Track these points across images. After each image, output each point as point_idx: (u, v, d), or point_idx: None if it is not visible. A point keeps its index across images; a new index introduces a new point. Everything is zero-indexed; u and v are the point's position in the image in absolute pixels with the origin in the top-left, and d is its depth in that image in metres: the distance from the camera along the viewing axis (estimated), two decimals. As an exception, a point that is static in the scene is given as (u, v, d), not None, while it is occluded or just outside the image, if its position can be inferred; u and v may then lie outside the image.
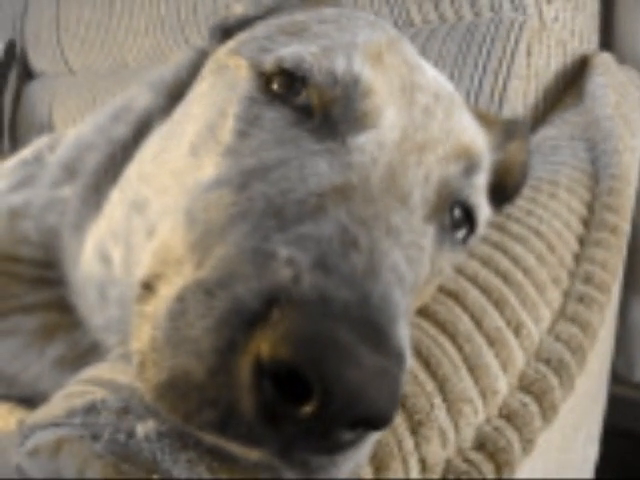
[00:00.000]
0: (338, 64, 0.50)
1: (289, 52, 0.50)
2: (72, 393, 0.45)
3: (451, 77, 1.19)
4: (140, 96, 0.64)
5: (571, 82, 1.20)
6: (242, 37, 0.59)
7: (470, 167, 0.52)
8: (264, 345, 0.31)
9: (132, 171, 0.57)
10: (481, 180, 0.54)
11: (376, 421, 0.33)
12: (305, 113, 0.49)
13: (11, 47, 2.10)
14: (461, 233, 0.54)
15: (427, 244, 0.49)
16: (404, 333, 0.36)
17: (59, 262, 0.63)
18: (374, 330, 0.33)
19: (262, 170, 0.44)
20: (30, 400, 0.63)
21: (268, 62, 0.51)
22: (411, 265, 0.41)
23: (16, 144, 1.93)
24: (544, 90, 1.16)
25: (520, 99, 1.14)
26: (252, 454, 0.34)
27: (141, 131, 0.60)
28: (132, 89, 0.69)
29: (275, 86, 0.50)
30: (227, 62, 0.56)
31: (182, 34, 1.72)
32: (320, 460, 0.33)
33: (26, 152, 0.80)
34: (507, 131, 0.66)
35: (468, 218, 0.54)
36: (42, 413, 0.44)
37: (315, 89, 0.49)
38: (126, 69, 1.87)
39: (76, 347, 0.63)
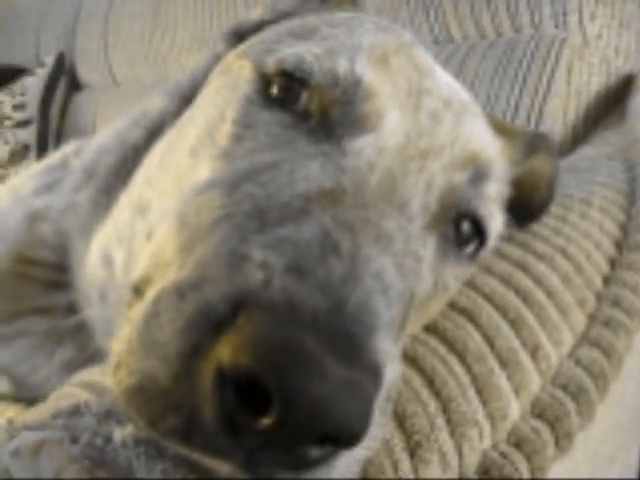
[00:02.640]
0: (340, 65, 0.48)
1: (290, 53, 0.49)
2: (62, 395, 0.45)
3: (489, 93, 1.16)
4: (156, 101, 0.64)
5: (615, 102, 1.16)
6: (252, 40, 0.58)
7: (478, 175, 0.50)
8: (226, 351, 0.30)
9: (139, 174, 0.57)
10: (492, 190, 0.51)
11: (343, 437, 0.31)
12: (303, 116, 0.48)
13: (60, 60, 2.16)
14: (471, 247, 0.52)
15: (427, 254, 0.46)
16: (384, 346, 0.33)
17: (70, 265, 0.63)
18: (345, 340, 0.31)
19: (253, 173, 0.43)
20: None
21: (270, 63, 0.50)
22: (404, 275, 0.39)
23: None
24: (585, 109, 1.13)
25: (559, 117, 1.11)
26: (221, 466, 0.32)
27: (154, 135, 0.59)
28: (154, 95, 0.69)
29: (275, 89, 0.49)
30: (233, 64, 0.55)
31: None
32: (287, 476, 0.31)
33: (53, 157, 0.81)
34: (531, 144, 0.63)
35: (478, 230, 0.51)
36: (31, 414, 0.44)
37: (315, 90, 0.48)
38: (168, 82, 1.90)
39: (84, 351, 0.62)
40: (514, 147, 0.60)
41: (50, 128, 2.10)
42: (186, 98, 0.60)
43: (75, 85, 2.23)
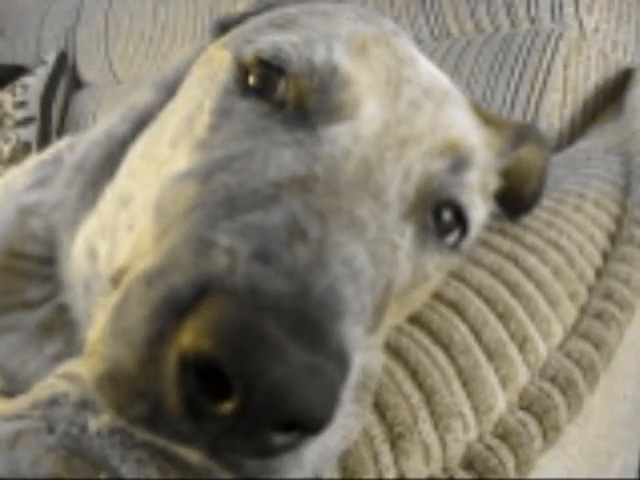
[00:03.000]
0: (317, 53, 0.48)
1: (268, 42, 0.49)
2: (43, 386, 0.45)
3: (486, 87, 1.16)
4: (143, 94, 0.63)
5: (612, 95, 1.16)
6: (234, 32, 0.58)
7: (458, 163, 0.49)
8: (187, 336, 0.30)
9: (124, 167, 0.57)
10: (473, 178, 0.51)
11: (305, 423, 0.30)
12: (280, 104, 0.48)
13: (62, 58, 2.17)
14: (452, 237, 0.51)
15: (404, 243, 0.46)
16: (353, 332, 0.33)
17: (58, 258, 0.63)
18: (309, 325, 0.31)
19: (228, 161, 0.43)
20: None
21: (248, 53, 0.50)
22: (378, 262, 0.39)
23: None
24: (582, 103, 1.12)
25: (556, 112, 1.11)
26: (190, 453, 0.32)
27: (140, 128, 0.59)
28: (142, 88, 0.69)
29: (252, 78, 0.49)
30: (214, 55, 0.55)
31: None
32: (254, 463, 0.31)
33: (47, 153, 0.81)
34: (520, 135, 0.62)
35: (459, 219, 0.51)
36: (11, 405, 0.44)
37: (292, 79, 0.47)
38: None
39: (73, 344, 0.62)
40: (502, 137, 0.59)
41: (51, 126, 2.10)
42: (171, 90, 0.59)
43: (76, 83, 2.23)
